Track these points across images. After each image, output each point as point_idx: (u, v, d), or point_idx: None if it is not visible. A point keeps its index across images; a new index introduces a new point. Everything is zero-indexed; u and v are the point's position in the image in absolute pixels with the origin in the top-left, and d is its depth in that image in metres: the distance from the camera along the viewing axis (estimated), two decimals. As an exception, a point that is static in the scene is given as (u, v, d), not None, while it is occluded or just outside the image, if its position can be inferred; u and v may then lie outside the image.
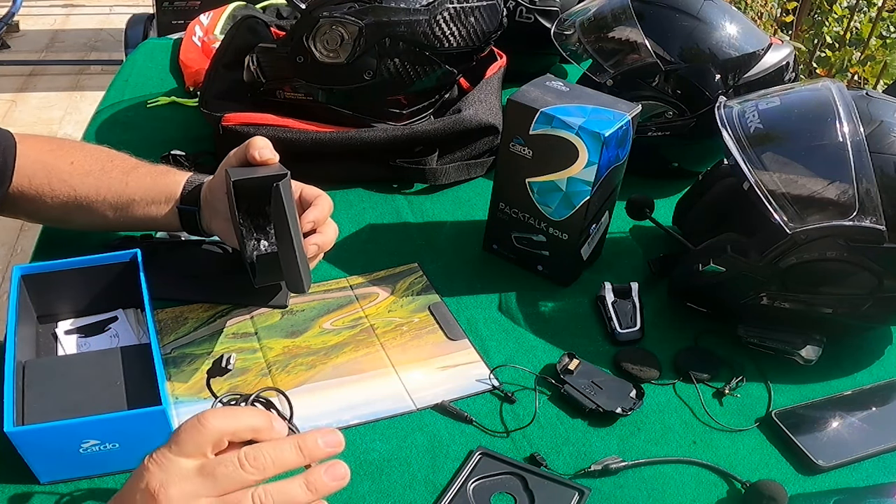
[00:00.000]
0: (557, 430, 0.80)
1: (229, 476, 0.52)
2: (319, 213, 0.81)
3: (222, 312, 0.89)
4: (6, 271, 2.48)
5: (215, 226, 0.86)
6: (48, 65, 3.74)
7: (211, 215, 0.85)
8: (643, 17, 1.10)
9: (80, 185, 0.87)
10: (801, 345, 0.87)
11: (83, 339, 0.83)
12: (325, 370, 0.84)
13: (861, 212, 0.79)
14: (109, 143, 0.94)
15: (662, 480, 0.76)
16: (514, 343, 0.90)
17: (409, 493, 0.72)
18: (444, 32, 1.07)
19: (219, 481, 0.52)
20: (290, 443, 0.55)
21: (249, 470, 0.53)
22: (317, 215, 0.81)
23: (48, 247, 0.96)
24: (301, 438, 0.55)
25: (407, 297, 0.94)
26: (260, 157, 0.79)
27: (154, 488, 0.52)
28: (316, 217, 0.81)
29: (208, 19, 1.49)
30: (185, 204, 0.87)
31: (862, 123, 0.81)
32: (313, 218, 0.80)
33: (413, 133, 1.10)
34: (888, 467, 0.79)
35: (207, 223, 0.87)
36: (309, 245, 0.79)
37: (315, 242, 0.80)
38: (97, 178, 0.88)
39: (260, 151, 0.79)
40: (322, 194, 0.83)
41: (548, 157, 0.89)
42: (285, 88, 1.11)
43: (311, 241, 0.80)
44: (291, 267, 0.75)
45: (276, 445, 0.55)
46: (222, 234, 0.87)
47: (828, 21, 2.62)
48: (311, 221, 0.80)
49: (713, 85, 1.09)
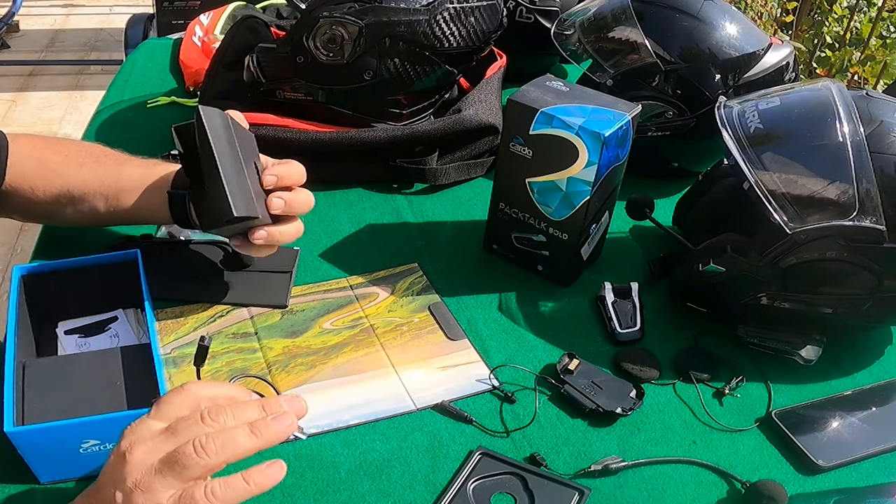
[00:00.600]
0: (557, 430, 0.80)
1: (189, 429, 0.54)
2: (284, 170, 0.80)
3: (222, 312, 0.89)
4: (6, 271, 2.48)
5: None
6: (48, 65, 3.74)
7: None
8: (643, 17, 1.10)
9: (72, 176, 0.87)
10: (801, 345, 0.87)
11: (83, 339, 0.83)
12: (325, 370, 0.84)
13: (861, 212, 0.79)
14: (109, 143, 0.94)
15: (662, 480, 0.76)
16: (514, 343, 0.90)
17: (409, 493, 0.72)
18: (444, 32, 1.07)
19: (178, 435, 0.54)
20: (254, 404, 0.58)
21: (209, 423, 0.55)
22: (281, 170, 0.80)
23: (48, 247, 0.96)
24: (265, 400, 0.58)
25: (407, 297, 0.94)
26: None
27: (124, 449, 0.54)
28: (280, 171, 0.79)
29: (208, 19, 1.49)
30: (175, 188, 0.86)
31: (862, 123, 0.81)
32: (277, 171, 0.79)
33: (413, 133, 1.10)
34: (888, 467, 0.79)
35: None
36: (273, 200, 0.78)
37: (281, 197, 0.79)
38: (90, 168, 0.88)
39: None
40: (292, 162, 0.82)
41: (548, 157, 0.89)
42: (285, 88, 1.11)
43: (276, 197, 0.79)
44: (216, 186, 0.73)
45: (239, 404, 0.57)
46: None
47: (828, 21, 2.62)
48: (275, 175, 0.79)
49: (713, 85, 1.09)
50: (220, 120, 0.77)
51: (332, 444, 0.76)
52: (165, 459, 0.53)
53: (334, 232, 1.04)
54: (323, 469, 0.74)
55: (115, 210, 0.88)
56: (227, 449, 0.54)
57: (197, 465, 0.53)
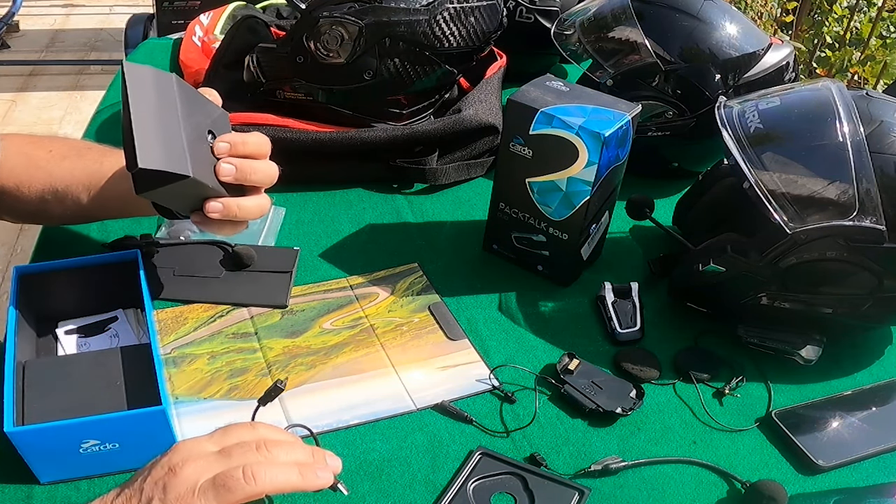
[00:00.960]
0: (557, 430, 0.80)
1: (243, 455, 0.58)
2: (241, 136, 0.75)
3: (222, 312, 0.89)
4: (6, 271, 2.48)
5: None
6: (48, 65, 3.74)
7: None
8: (643, 17, 1.10)
9: (56, 169, 0.86)
10: (801, 345, 0.87)
11: (83, 339, 0.83)
12: (325, 370, 0.84)
13: (861, 212, 0.79)
14: (109, 143, 0.94)
15: (662, 480, 0.76)
16: (514, 343, 0.90)
17: (409, 493, 0.72)
18: (444, 32, 1.07)
19: (231, 459, 0.57)
20: (306, 448, 0.63)
21: (263, 453, 0.59)
22: (234, 137, 0.74)
23: (48, 247, 0.96)
24: (315, 448, 0.63)
25: (407, 297, 0.94)
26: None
27: (175, 463, 0.57)
28: (232, 138, 0.74)
29: (208, 19, 1.48)
30: None
31: (862, 123, 0.81)
32: (229, 138, 0.74)
33: (413, 133, 1.10)
34: (888, 467, 0.79)
35: None
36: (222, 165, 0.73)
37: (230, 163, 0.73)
38: (73, 161, 0.87)
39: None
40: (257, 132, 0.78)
41: (548, 157, 0.89)
42: (285, 88, 1.11)
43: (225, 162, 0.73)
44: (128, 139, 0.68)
45: (293, 444, 0.62)
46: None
47: (828, 21, 2.62)
48: (227, 142, 0.74)
49: (713, 85, 1.09)
50: (153, 78, 0.73)
51: (332, 444, 0.76)
52: (212, 480, 0.56)
53: (334, 232, 1.04)
54: (323, 469, 0.74)
55: (97, 200, 0.86)
56: (273, 481, 0.57)
57: (241, 490, 0.55)
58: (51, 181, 0.86)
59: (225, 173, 0.73)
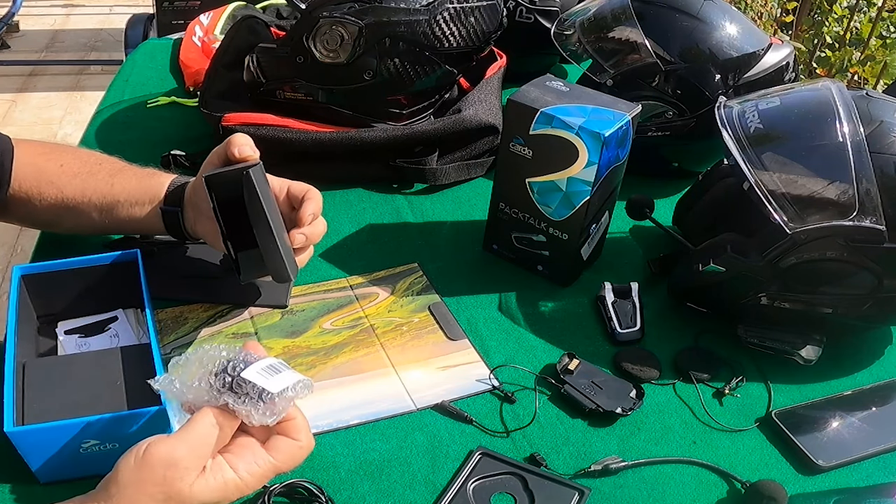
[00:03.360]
0: (557, 430, 0.80)
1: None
2: (316, 206, 0.81)
3: (222, 312, 0.89)
4: (6, 271, 2.48)
5: (199, 227, 0.85)
6: (48, 65, 3.74)
7: (195, 216, 0.85)
8: (643, 17, 1.10)
9: (67, 186, 0.87)
10: (801, 345, 0.87)
11: (83, 339, 0.83)
12: (325, 370, 0.84)
13: (861, 212, 0.79)
14: (109, 143, 0.95)
15: (662, 480, 0.76)
16: (514, 343, 0.90)
17: (409, 493, 0.72)
18: (444, 32, 1.07)
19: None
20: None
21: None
22: (314, 208, 0.81)
23: (48, 247, 0.96)
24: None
25: (407, 297, 0.94)
26: (239, 154, 0.78)
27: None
28: (314, 210, 0.81)
29: (208, 19, 1.49)
30: (168, 205, 0.86)
31: (862, 123, 0.81)
32: (312, 210, 0.80)
33: (413, 133, 1.10)
34: (888, 467, 0.79)
35: (192, 224, 0.85)
36: (296, 236, 0.79)
37: (303, 232, 0.80)
38: (84, 179, 0.87)
39: (239, 148, 0.78)
40: (311, 188, 0.83)
41: (548, 157, 0.89)
42: (285, 88, 1.11)
43: (299, 232, 0.79)
44: (273, 255, 0.75)
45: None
46: (207, 236, 0.85)
47: (828, 21, 2.62)
48: (311, 214, 0.80)
49: (713, 85, 1.09)
50: (263, 178, 0.77)
51: (332, 444, 0.76)
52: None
53: (334, 232, 1.04)
54: (323, 469, 0.74)
55: (109, 222, 0.88)
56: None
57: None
58: (62, 197, 0.87)
59: (298, 243, 0.79)
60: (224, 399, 0.59)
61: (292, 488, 0.70)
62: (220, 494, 0.59)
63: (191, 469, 0.58)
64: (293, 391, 0.60)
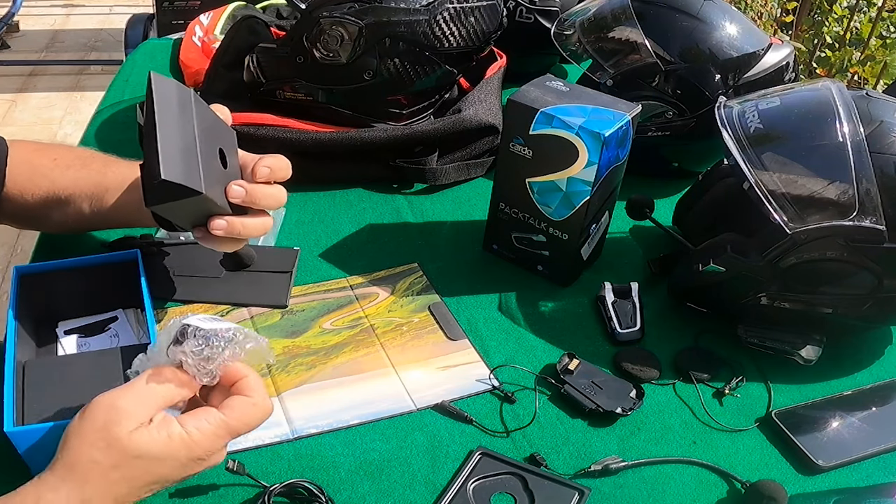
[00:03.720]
0: (557, 430, 0.80)
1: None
2: (274, 167, 0.76)
3: (222, 312, 0.89)
4: (6, 271, 2.48)
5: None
6: (48, 65, 3.74)
7: None
8: (643, 17, 1.10)
9: (59, 177, 0.87)
10: (801, 345, 0.87)
11: (83, 339, 0.83)
12: (325, 370, 0.84)
13: (861, 212, 0.79)
14: (109, 142, 0.95)
15: (662, 480, 0.76)
16: (514, 343, 0.90)
17: (409, 493, 0.72)
18: (444, 32, 1.07)
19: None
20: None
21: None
22: (268, 168, 0.76)
23: (48, 247, 0.96)
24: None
25: (407, 297, 0.94)
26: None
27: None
28: (269, 168, 0.76)
29: (208, 19, 1.49)
30: None
31: (862, 123, 0.81)
32: (265, 167, 0.76)
33: (413, 133, 1.10)
34: (888, 467, 0.79)
35: None
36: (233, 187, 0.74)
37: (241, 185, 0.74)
38: (77, 170, 0.87)
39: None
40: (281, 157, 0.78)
41: (548, 157, 0.89)
42: (285, 88, 1.11)
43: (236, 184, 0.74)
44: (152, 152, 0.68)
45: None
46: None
47: (828, 21, 2.62)
48: (263, 173, 0.75)
49: (713, 85, 1.09)
50: (176, 92, 0.73)
51: (332, 444, 0.76)
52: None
53: (334, 232, 1.04)
54: (323, 469, 0.74)
55: (98, 210, 0.86)
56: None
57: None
58: (54, 189, 0.86)
59: (234, 195, 0.74)
60: (176, 356, 0.59)
61: (292, 488, 0.70)
62: (164, 448, 0.57)
63: (132, 415, 0.56)
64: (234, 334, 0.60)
